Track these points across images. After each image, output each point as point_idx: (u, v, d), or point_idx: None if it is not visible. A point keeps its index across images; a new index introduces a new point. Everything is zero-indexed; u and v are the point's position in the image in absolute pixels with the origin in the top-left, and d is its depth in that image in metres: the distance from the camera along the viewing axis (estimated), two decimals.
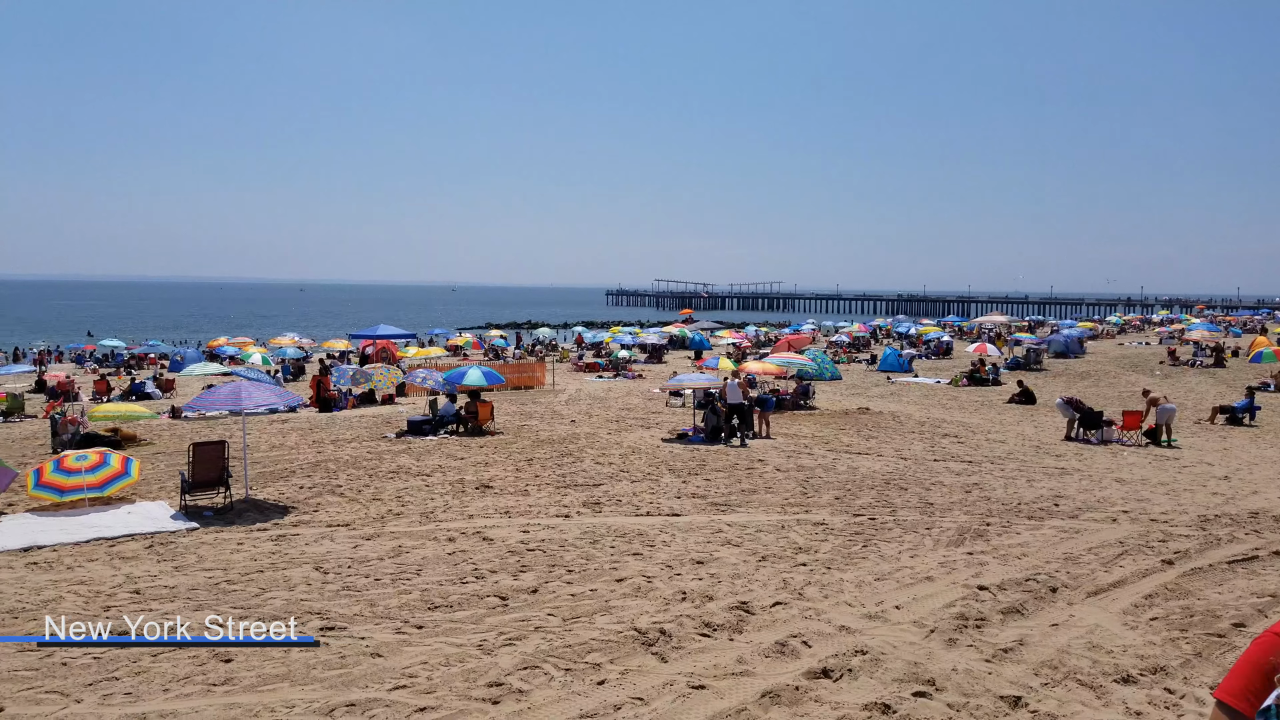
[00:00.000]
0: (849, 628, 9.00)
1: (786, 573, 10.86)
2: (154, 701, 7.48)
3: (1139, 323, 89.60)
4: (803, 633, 8.87)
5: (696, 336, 55.69)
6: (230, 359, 43.21)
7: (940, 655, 8.31)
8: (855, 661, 8.17)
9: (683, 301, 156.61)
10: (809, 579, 10.60)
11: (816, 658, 8.27)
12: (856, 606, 9.64)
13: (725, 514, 13.92)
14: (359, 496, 15.37)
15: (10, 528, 13.30)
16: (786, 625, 9.10)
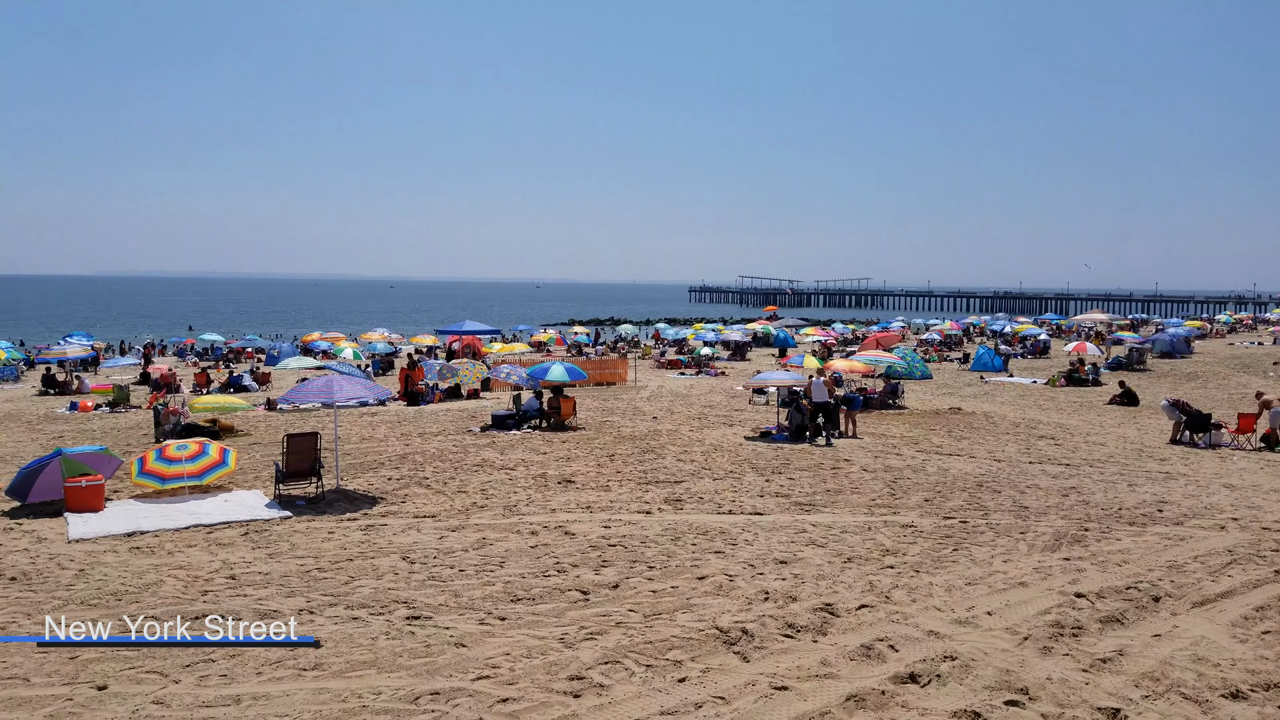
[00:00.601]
0: (938, 633, 8.75)
1: (873, 575, 10.63)
2: (248, 684, 7.69)
3: (1251, 321, 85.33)
4: (889, 636, 8.65)
5: (781, 334, 55.10)
6: (323, 353, 44.45)
7: (1034, 663, 8.02)
8: (944, 667, 7.94)
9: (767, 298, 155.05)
10: (896, 582, 10.35)
11: (904, 662, 8.06)
12: (946, 611, 9.37)
13: (809, 514, 13.70)
14: (445, 489, 15.60)
15: (115, 513, 13.88)
16: (872, 628, 8.89)
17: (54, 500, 14.24)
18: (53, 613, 9.38)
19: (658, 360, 44.94)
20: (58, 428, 23.89)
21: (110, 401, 28.51)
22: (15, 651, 8.37)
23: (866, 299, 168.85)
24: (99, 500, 14.13)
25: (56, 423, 25.04)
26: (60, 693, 7.49)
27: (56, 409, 28.08)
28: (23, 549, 11.92)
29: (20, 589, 10.22)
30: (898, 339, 50.11)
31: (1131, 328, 68.46)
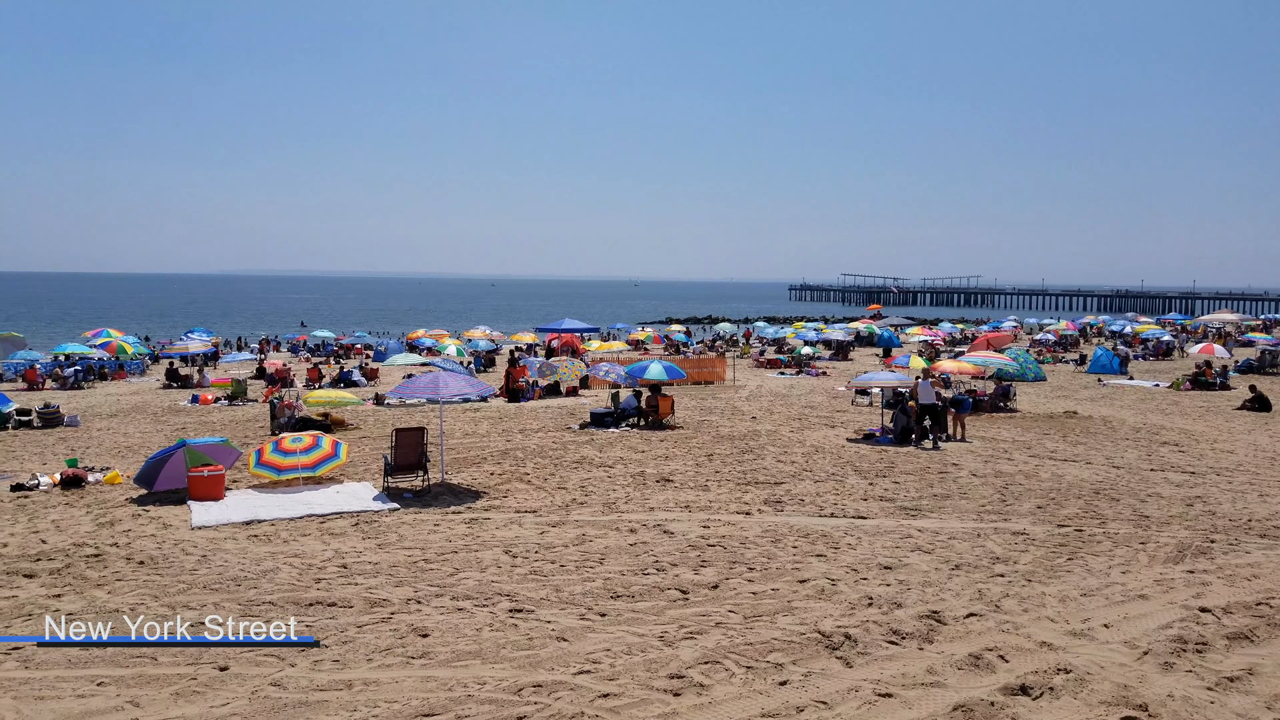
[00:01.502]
0: (1051, 644, 8.44)
1: (982, 583, 10.31)
2: (359, 670, 7.94)
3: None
4: (999, 646, 8.39)
5: (885, 333, 53.97)
6: (428, 350, 45.59)
7: (1154, 679, 7.66)
8: (1057, 680, 7.66)
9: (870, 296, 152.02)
10: (1007, 591, 10.02)
11: (1014, 673, 7.80)
12: (1060, 622, 9.03)
13: (915, 519, 13.38)
14: (545, 485, 15.80)
15: (235, 502, 14.51)
16: (981, 638, 8.63)
17: (178, 489, 14.97)
18: (178, 596, 9.88)
19: (757, 359, 44.60)
20: (180, 419, 25.11)
21: (229, 395, 29.80)
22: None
23: (976, 297, 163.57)
24: (220, 490, 14.80)
25: (179, 415, 26.33)
26: (185, 671, 7.86)
27: (179, 402, 29.51)
28: (150, 535, 12.56)
29: (148, 573, 10.77)
30: (1009, 339, 48.47)
31: (1264, 329, 64.74)
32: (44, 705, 7.21)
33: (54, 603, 9.62)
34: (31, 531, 12.65)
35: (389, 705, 7.22)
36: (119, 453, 19.44)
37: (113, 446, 20.33)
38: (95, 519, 13.41)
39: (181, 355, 40.80)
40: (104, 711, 7.11)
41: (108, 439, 21.48)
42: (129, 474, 16.31)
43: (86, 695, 7.39)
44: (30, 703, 7.25)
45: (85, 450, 19.59)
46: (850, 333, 54.49)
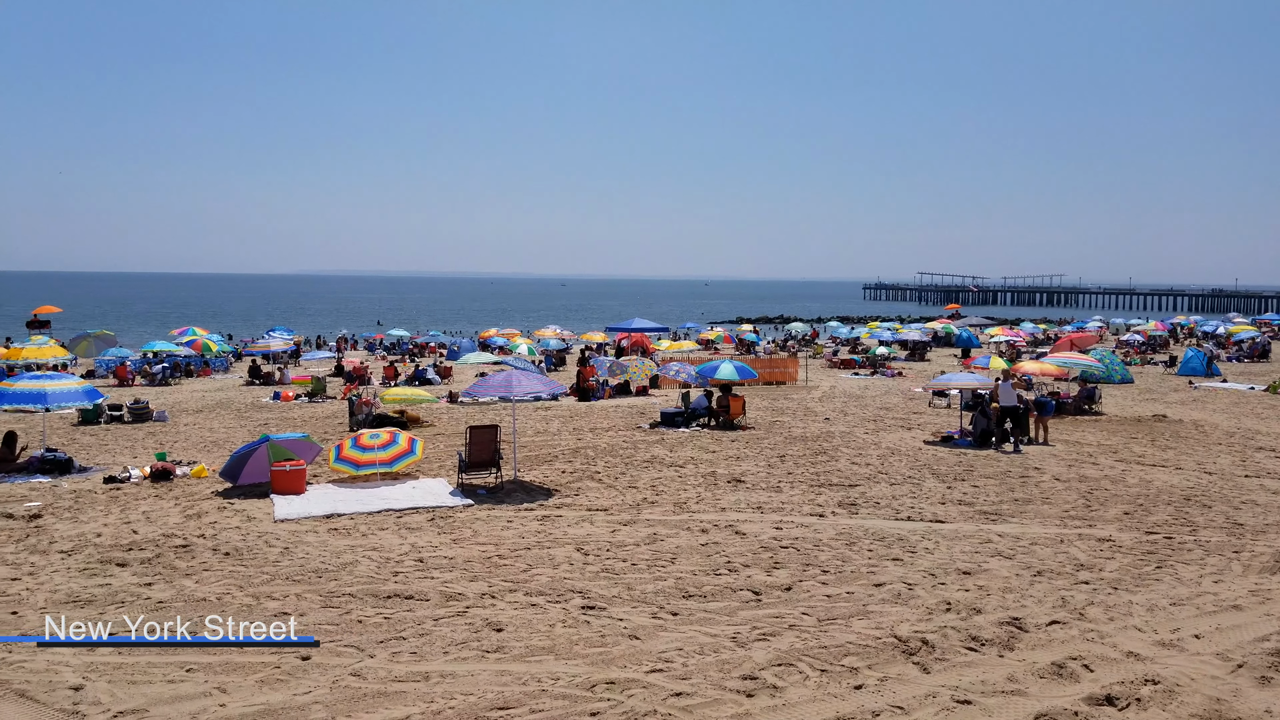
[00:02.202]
0: (1138, 654, 8.17)
1: (1065, 590, 10.02)
2: (435, 662, 8.06)
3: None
4: (1083, 655, 8.15)
5: (964, 333, 52.83)
6: (500, 349, 46.12)
7: (1250, 694, 7.36)
8: (1145, 691, 7.41)
9: (948, 296, 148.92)
10: (1091, 599, 9.72)
11: (1099, 683, 7.57)
12: (1148, 632, 8.73)
13: (995, 523, 13.07)
14: (616, 484, 15.85)
15: (316, 496, 14.87)
16: (1064, 646, 8.40)
17: (261, 483, 15.39)
18: (262, 586, 10.16)
19: (830, 359, 44.11)
20: (263, 415, 25.83)
21: (309, 392, 30.55)
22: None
23: (1059, 297, 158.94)
24: (301, 484, 15.17)
25: (262, 411, 27.08)
26: (269, 660, 8.08)
27: (262, 398, 30.36)
28: (235, 527, 12.94)
29: (234, 564, 11.09)
30: (1095, 340, 46.96)
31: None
32: (136, 689, 7.47)
33: (145, 591, 9.97)
34: (124, 522, 13.13)
35: (465, 698, 7.31)
36: (205, 447, 20.08)
37: (199, 441, 21.01)
38: (183, 511, 13.87)
39: (264, 353, 41.93)
40: (193, 696, 7.34)
41: (194, 434, 22.21)
42: (215, 468, 16.84)
43: (176, 681, 7.64)
44: (124, 686, 7.52)
45: (173, 444, 20.28)
46: (927, 333, 53.50)
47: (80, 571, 10.69)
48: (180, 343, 41.91)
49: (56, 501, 14.45)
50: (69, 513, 13.71)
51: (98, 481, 16.01)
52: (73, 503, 14.38)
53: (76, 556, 11.32)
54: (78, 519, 13.32)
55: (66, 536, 12.31)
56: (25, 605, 9.48)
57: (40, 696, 7.31)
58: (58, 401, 18.40)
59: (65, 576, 10.50)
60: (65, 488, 15.51)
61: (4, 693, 7.36)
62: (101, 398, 20.12)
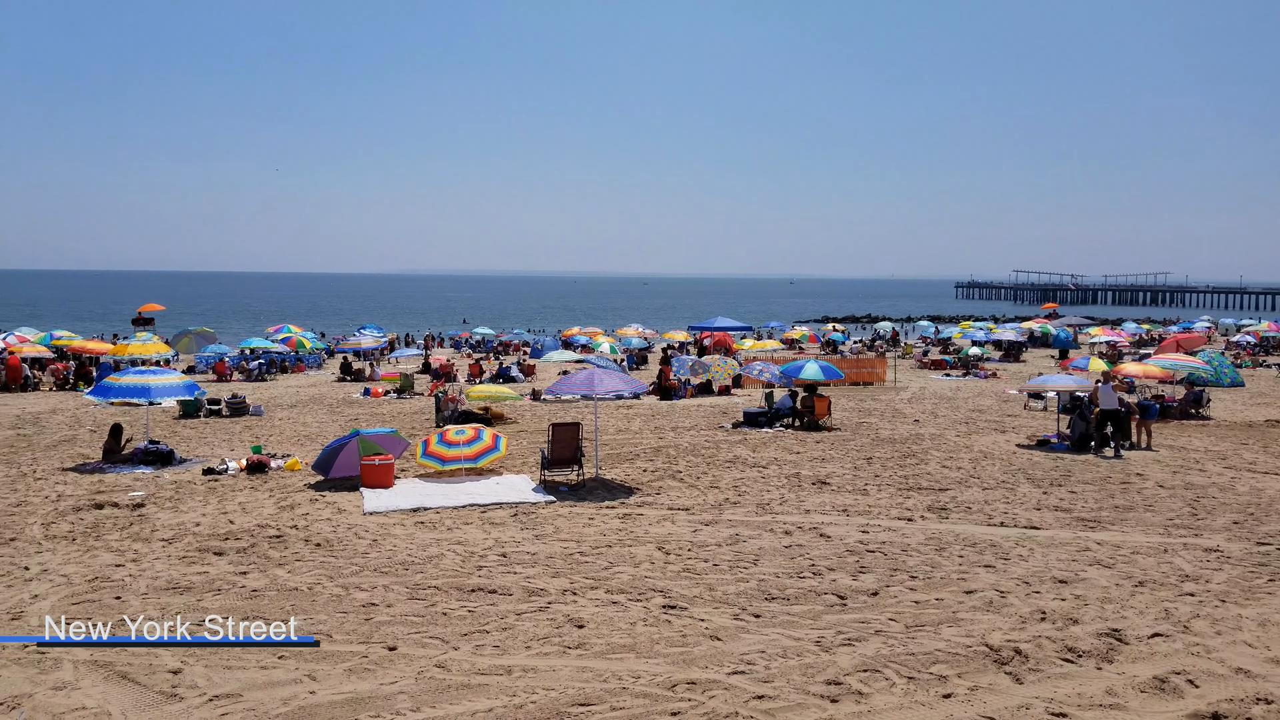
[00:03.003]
0: (1248, 671, 7.74)
1: (1169, 602, 9.57)
2: (518, 656, 8.11)
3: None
4: (1188, 670, 7.76)
5: (1062, 333, 51.12)
6: (583, 347, 46.42)
7: None
8: (1256, 710, 7.02)
9: (1045, 295, 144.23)
10: (1197, 611, 9.26)
11: (1205, 700, 7.20)
12: (1259, 648, 8.26)
13: (1094, 531, 12.57)
14: (698, 483, 15.75)
15: (403, 490, 15.15)
16: (1168, 660, 8.01)
17: (351, 476, 15.76)
18: (351, 577, 10.38)
19: (920, 360, 43.21)
20: (354, 411, 26.46)
21: (397, 388, 31.19)
22: (320, 610, 9.29)
23: (1164, 296, 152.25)
24: (389, 478, 15.48)
25: (353, 406, 27.76)
26: (357, 650, 8.23)
27: (353, 394, 31.11)
28: (326, 519, 13.26)
29: (324, 555, 11.36)
30: (1202, 341, 44.96)
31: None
32: (231, 674, 7.69)
33: (240, 579, 10.28)
34: (221, 512, 13.58)
35: (546, 692, 7.33)
36: (298, 441, 20.66)
37: (292, 435, 21.64)
38: (277, 502, 14.28)
39: (355, 350, 43.00)
40: (284, 683, 7.52)
41: (288, 428, 22.88)
42: (307, 461, 17.32)
43: (269, 667, 7.85)
44: (220, 671, 7.75)
45: (268, 438, 20.92)
46: (1023, 332, 51.87)
47: (180, 559, 11.09)
48: (276, 340, 43.26)
49: (158, 491, 15.04)
50: (170, 502, 14.25)
51: (197, 473, 16.61)
52: (174, 493, 14.94)
53: (176, 545, 11.75)
54: (178, 509, 13.83)
55: (167, 525, 12.79)
56: (128, 591, 9.86)
57: (141, 679, 7.57)
58: (160, 395, 19.14)
59: (166, 564, 10.89)
60: (167, 478, 16.13)
61: (108, 674, 7.65)
62: (201, 392, 20.86)
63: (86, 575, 10.41)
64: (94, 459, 17.80)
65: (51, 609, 9.23)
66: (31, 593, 9.76)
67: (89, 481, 15.83)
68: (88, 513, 13.50)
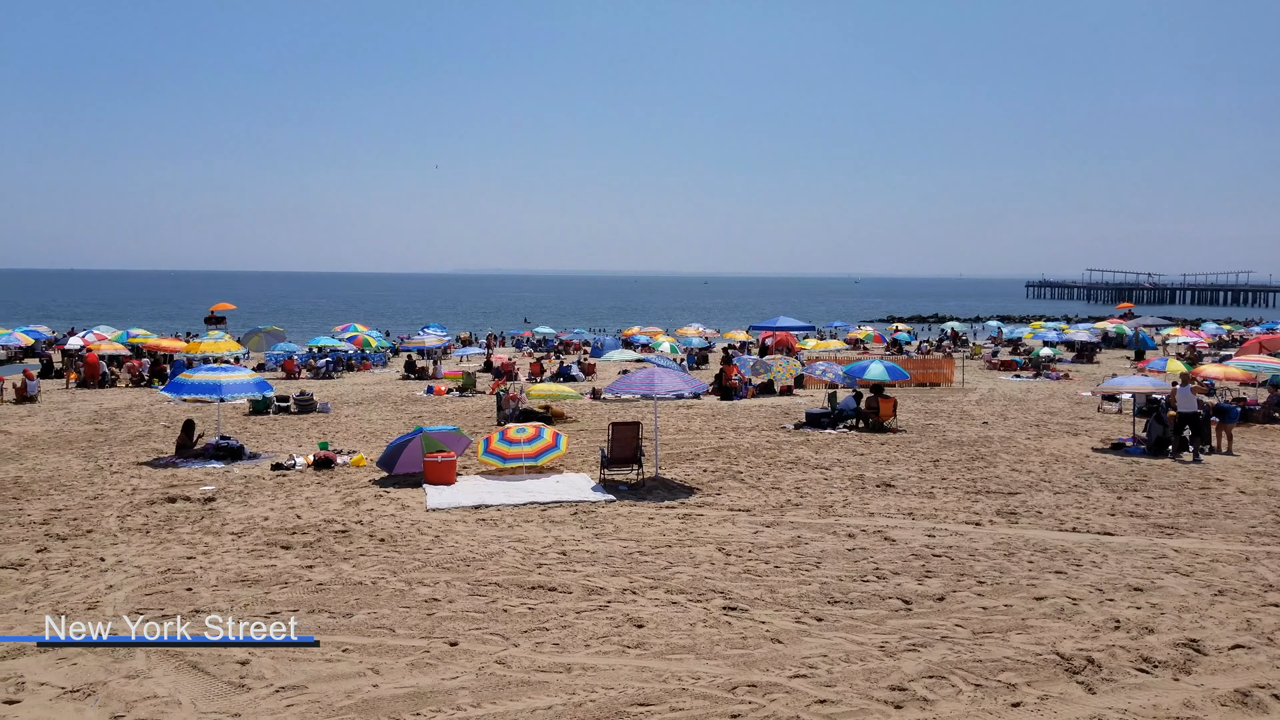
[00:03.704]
0: None
1: (1251, 612, 9.19)
2: (577, 654, 8.10)
3: None
4: (1272, 684, 7.46)
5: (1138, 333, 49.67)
6: (643, 347, 46.41)
7: None
8: None
9: (1120, 294, 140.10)
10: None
11: None
12: None
13: (1171, 538, 12.14)
14: (758, 484, 15.61)
15: (465, 487, 15.28)
16: (1250, 673, 7.69)
17: (415, 473, 15.95)
18: (414, 572, 10.48)
19: (989, 360, 42.33)
20: (417, 408, 26.82)
21: (459, 387, 31.53)
22: (383, 604, 9.40)
23: (1246, 295, 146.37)
24: (452, 475, 15.63)
25: (416, 404, 28.14)
26: (419, 645, 8.31)
27: (416, 392, 31.55)
28: (390, 514, 13.43)
29: (388, 550, 11.51)
30: None
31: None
32: (297, 666, 7.82)
33: (307, 573, 10.46)
34: (288, 507, 13.85)
35: (605, 691, 7.30)
36: (363, 438, 21.00)
37: (358, 432, 22.00)
38: (343, 498, 14.51)
39: (418, 349, 43.59)
40: (349, 676, 7.62)
41: (353, 425, 23.27)
42: (372, 457, 17.59)
43: (333, 660, 7.95)
44: (286, 663, 7.88)
45: (334, 434, 21.30)
46: (1097, 333, 50.49)
47: (249, 553, 11.33)
48: (342, 338, 44.09)
49: (228, 486, 15.40)
50: (239, 497, 14.57)
51: (266, 468, 16.97)
52: (243, 487, 15.28)
53: (245, 538, 12.01)
54: (247, 503, 14.14)
55: (237, 519, 13.08)
56: (199, 583, 10.10)
57: (210, 669, 7.74)
58: (231, 393, 19.59)
59: (235, 557, 11.13)
60: (236, 473, 16.51)
61: (178, 664, 7.83)
62: (270, 390, 21.30)
63: (159, 567, 10.69)
64: (167, 454, 18.31)
65: (125, 599, 9.50)
66: (107, 583, 10.05)
67: (162, 476, 16.28)
68: (161, 506, 13.87)
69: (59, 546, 11.54)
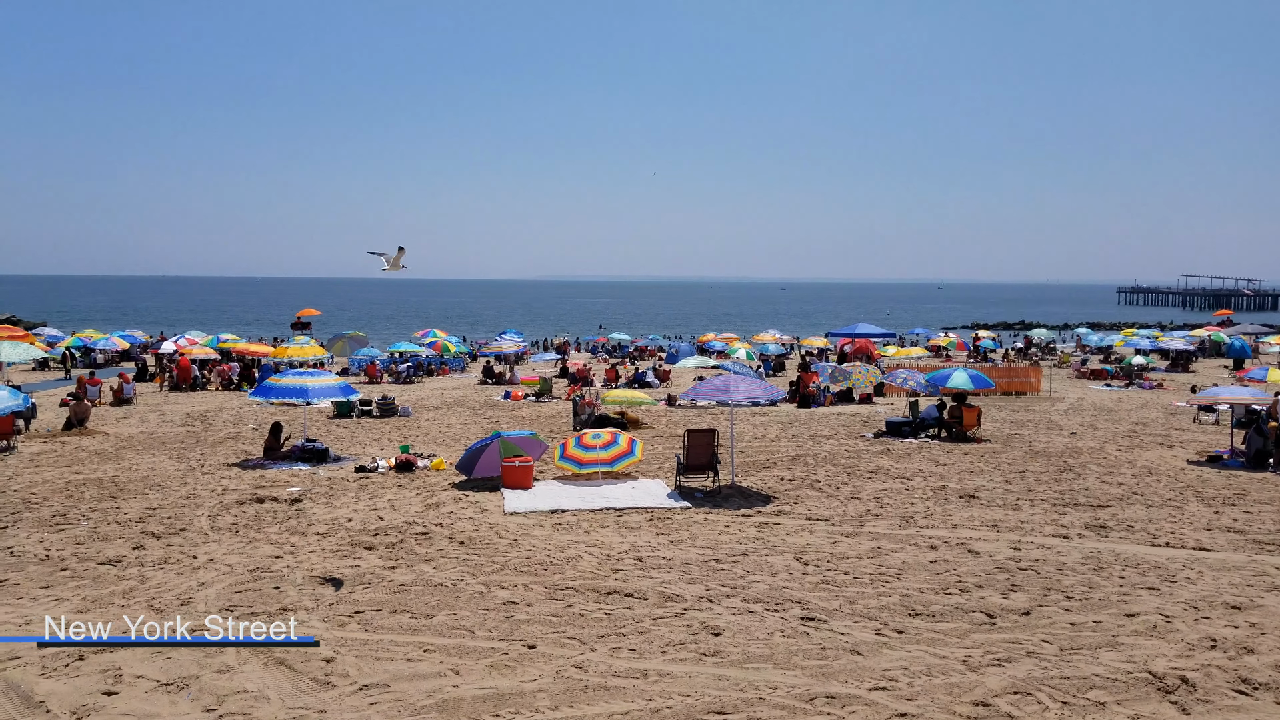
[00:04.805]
0: None
1: None
2: (653, 661, 8.09)
3: None
4: None
5: (1237, 342, 47.56)
6: (718, 353, 46.26)
7: None
8: None
9: (1218, 300, 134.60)
10: None
11: None
12: None
13: (1273, 555, 11.60)
14: (837, 493, 15.40)
15: (542, 491, 15.42)
16: None
17: (493, 477, 16.15)
18: (492, 575, 10.61)
19: (1077, 369, 41.11)
20: (495, 413, 27.19)
21: (536, 392, 31.88)
22: (463, 606, 9.52)
23: None
24: (529, 479, 15.78)
25: (494, 409, 28.52)
26: (498, 646, 8.40)
27: (494, 397, 31.99)
28: (469, 518, 13.63)
29: (467, 552, 11.67)
30: None
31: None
32: (379, 665, 7.97)
33: (389, 573, 10.67)
34: (371, 509, 14.16)
35: (682, 699, 7.27)
36: (443, 441, 21.36)
37: (438, 436, 22.39)
38: (423, 500, 14.78)
39: (496, 354, 44.21)
40: (429, 675, 7.74)
41: (433, 429, 23.69)
42: (451, 461, 17.88)
43: (415, 660, 8.09)
44: (369, 661, 8.05)
45: (415, 438, 21.71)
46: (1192, 341, 48.59)
47: (333, 553, 11.60)
48: (422, 344, 44.94)
49: (314, 487, 15.81)
50: (324, 498, 14.95)
51: (349, 470, 17.39)
52: (328, 489, 15.68)
53: (330, 539, 12.31)
54: (332, 504, 14.50)
55: (322, 520, 13.42)
56: (286, 582, 10.38)
57: (297, 666, 7.94)
58: (317, 396, 20.14)
59: (320, 556, 11.42)
60: (322, 475, 16.95)
61: (267, 660, 8.05)
62: (354, 394, 21.83)
63: (248, 565, 11.02)
64: (255, 455, 18.89)
65: (217, 596, 9.81)
66: (199, 580, 10.40)
67: (251, 477, 16.80)
68: (250, 506, 14.31)
69: (154, 544, 11.99)
